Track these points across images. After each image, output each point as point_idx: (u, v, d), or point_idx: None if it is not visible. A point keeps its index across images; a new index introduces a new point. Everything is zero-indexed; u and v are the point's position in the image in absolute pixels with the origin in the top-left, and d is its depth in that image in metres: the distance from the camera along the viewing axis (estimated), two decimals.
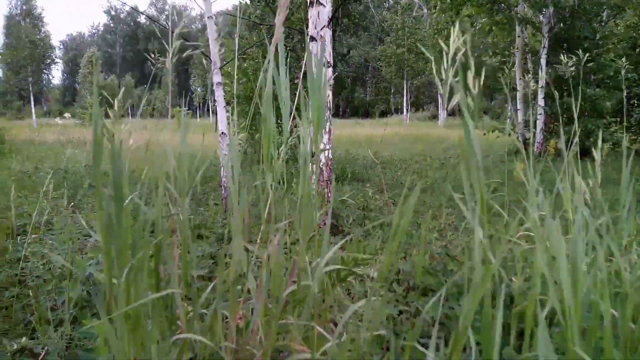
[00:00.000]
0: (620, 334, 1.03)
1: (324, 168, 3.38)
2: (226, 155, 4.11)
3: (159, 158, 0.98)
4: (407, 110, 34.13)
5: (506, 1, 10.65)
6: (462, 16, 11.24)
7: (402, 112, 36.21)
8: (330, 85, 3.32)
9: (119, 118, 1.12)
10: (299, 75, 1.55)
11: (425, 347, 0.98)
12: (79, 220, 3.70)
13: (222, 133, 4.09)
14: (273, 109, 1.10)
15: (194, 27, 70.02)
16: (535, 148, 10.03)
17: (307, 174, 1.13)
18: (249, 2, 10.06)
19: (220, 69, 4.12)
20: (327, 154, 3.49)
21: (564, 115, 9.04)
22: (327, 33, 3.35)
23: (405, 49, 32.62)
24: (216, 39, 4.11)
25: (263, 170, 1.11)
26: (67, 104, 53.81)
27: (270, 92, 1.08)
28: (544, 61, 9.94)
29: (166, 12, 76.65)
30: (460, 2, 10.63)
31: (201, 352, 1.03)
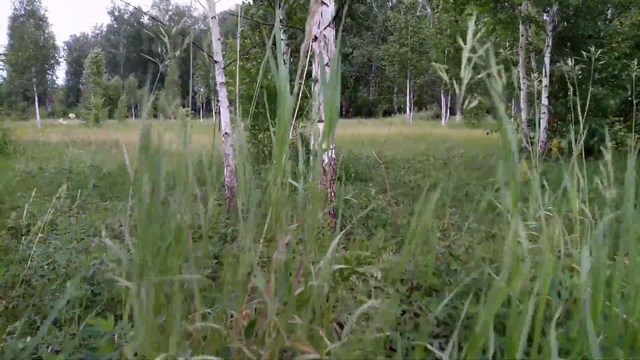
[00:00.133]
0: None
1: (327, 168, 3.38)
2: (229, 155, 4.11)
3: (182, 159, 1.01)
4: (410, 109, 34.08)
5: (510, 0, 10.62)
6: (465, 15, 11.21)
7: (405, 112, 36.16)
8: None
9: (123, 118, 1.13)
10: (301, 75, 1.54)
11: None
12: (83, 220, 3.72)
13: (226, 133, 4.09)
14: (285, 107, 1.10)
15: (197, 28, 70.12)
16: (539, 147, 10.00)
17: (318, 172, 1.13)
18: (251, 2, 10.07)
19: (224, 69, 4.13)
20: (331, 153, 3.49)
21: (567, 115, 9.00)
22: (330, 32, 3.35)
23: (408, 48, 32.59)
24: (219, 39, 4.12)
25: (274, 170, 1.12)
26: (71, 105, 54.06)
27: (286, 87, 1.08)
28: (547, 60, 9.90)
29: (170, 13, 76.85)
30: (463, 1, 10.60)
31: (209, 346, 1.04)
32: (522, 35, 10.92)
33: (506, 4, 10.65)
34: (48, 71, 38.87)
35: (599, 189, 1.23)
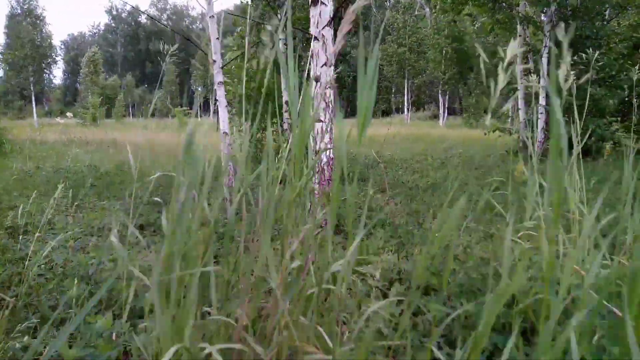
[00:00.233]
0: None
1: (325, 167, 3.38)
2: (227, 154, 4.11)
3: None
4: (408, 109, 34.09)
5: (507, 0, 10.64)
6: (462, 15, 11.23)
7: (403, 112, 36.18)
8: (330, 85, 3.32)
9: (121, 118, 1.14)
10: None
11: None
12: (81, 219, 3.71)
13: (224, 133, 4.09)
14: (296, 105, 1.10)
15: (195, 27, 70.04)
16: (536, 147, 10.03)
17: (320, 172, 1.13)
18: (249, 1, 10.06)
19: (222, 68, 4.12)
20: (329, 153, 3.49)
21: (564, 114, 9.00)
22: (328, 32, 3.35)
23: (406, 48, 32.59)
24: (217, 38, 4.11)
25: (292, 171, 1.13)
26: (68, 104, 53.89)
27: (296, 87, 1.09)
28: (545, 60, 9.92)
29: (167, 12, 76.69)
30: (461, 2, 10.61)
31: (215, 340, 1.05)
32: (519, 36, 10.94)
33: (504, 4, 10.67)
34: (45, 70, 38.75)
35: (596, 188, 1.24)
